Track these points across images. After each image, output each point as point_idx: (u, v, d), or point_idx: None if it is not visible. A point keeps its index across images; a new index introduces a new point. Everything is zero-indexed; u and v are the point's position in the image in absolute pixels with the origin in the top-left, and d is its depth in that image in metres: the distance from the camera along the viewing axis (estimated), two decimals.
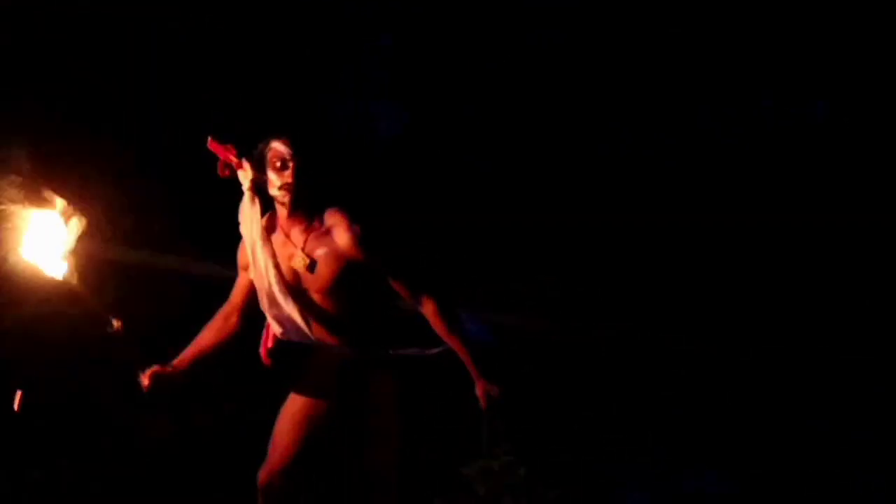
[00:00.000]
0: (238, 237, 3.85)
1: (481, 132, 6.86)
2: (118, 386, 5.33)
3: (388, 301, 3.85)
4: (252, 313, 3.91)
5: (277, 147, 3.71)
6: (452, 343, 3.78)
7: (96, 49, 6.43)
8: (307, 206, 3.74)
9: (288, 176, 3.68)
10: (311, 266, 3.74)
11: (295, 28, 6.71)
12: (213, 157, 3.75)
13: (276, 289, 3.79)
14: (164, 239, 6.44)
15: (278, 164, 3.69)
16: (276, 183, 3.69)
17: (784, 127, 6.60)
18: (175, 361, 3.92)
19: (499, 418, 3.99)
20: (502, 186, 6.60)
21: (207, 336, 3.97)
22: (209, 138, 3.74)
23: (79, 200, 3.67)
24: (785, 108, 6.64)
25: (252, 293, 3.90)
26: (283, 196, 3.70)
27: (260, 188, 3.74)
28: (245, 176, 3.74)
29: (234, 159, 3.73)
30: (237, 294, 3.97)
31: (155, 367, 3.87)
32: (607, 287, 6.37)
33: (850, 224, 6.35)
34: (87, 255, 3.67)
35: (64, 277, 3.67)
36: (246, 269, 3.90)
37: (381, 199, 4.13)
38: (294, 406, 3.94)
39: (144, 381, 3.86)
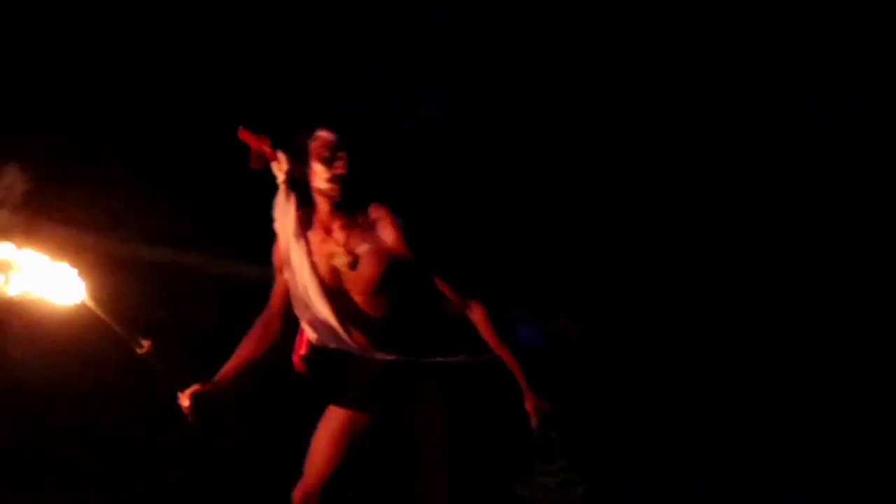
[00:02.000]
0: (272, 235, 3.62)
1: (481, 132, 6.84)
2: (137, 406, 5.21)
3: (434, 304, 3.58)
4: (295, 318, 3.63)
5: (325, 136, 3.47)
6: (502, 352, 3.53)
7: (96, 48, 6.36)
8: (353, 200, 3.48)
9: (340, 167, 3.43)
10: (354, 264, 3.48)
11: (295, 27, 6.67)
12: (245, 148, 3.52)
13: (311, 290, 3.52)
14: (190, 236, 6.17)
15: (327, 154, 3.44)
16: (323, 175, 3.44)
17: (784, 127, 6.59)
18: (216, 378, 3.63)
19: (554, 433, 3.65)
20: (502, 186, 6.58)
21: (248, 347, 3.67)
22: (241, 128, 3.50)
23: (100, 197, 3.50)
24: (785, 108, 6.64)
25: (290, 297, 3.61)
26: (333, 189, 3.45)
27: (294, 182, 3.49)
28: (280, 168, 3.49)
29: (268, 150, 3.48)
30: (276, 298, 3.68)
31: (195, 387, 3.57)
32: (607, 287, 6.36)
33: (849, 224, 6.34)
34: (107, 254, 3.49)
35: (83, 301, 3.43)
36: (282, 269, 3.64)
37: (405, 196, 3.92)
38: (332, 420, 3.68)
39: (184, 402, 3.56)
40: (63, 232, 3.42)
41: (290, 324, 3.67)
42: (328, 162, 3.45)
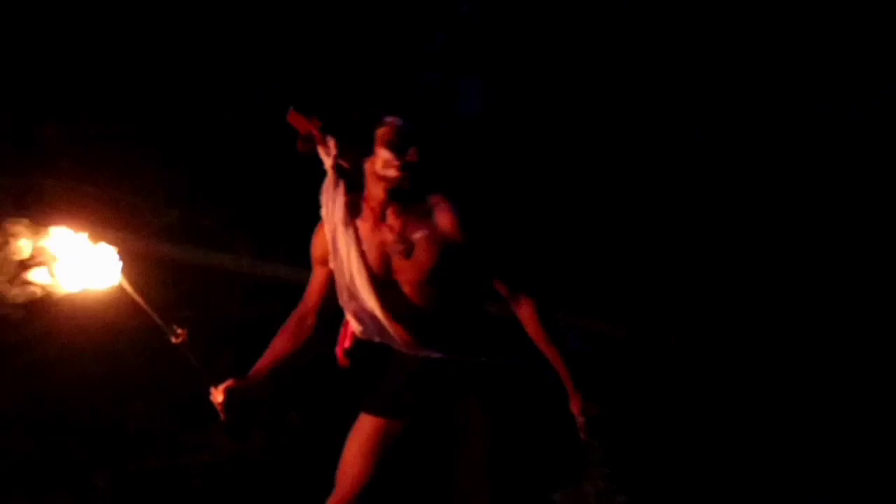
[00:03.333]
0: (305, 230, 3.50)
1: (482, 132, 6.82)
2: (163, 406, 5.09)
3: (480, 303, 3.44)
4: (330, 314, 3.50)
5: (397, 124, 3.36)
6: (549, 351, 3.39)
7: (112, 40, 6.20)
8: (418, 188, 3.35)
9: (413, 155, 3.31)
10: (409, 251, 3.35)
11: (305, 27, 6.57)
12: (293, 131, 3.36)
13: (358, 280, 3.37)
14: (214, 234, 6.03)
15: (398, 142, 3.32)
16: (393, 163, 3.31)
17: (789, 126, 6.60)
18: (250, 374, 3.47)
19: (596, 439, 3.47)
20: (503, 186, 6.56)
21: (282, 342, 3.52)
22: (290, 109, 3.36)
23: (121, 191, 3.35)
24: (786, 108, 6.65)
25: (329, 291, 3.48)
26: (403, 178, 3.32)
27: (341, 168, 3.35)
28: (327, 153, 3.36)
29: (317, 133, 3.35)
30: (312, 293, 3.53)
31: (229, 382, 3.42)
32: (607, 287, 6.35)
33: (850, 223, 6.36)
34: (130, 252, 3.35)
35: (120, 283, 3.28)
36: (322, 262, 3.50)
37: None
38: (366, 427, 3.49)
39: (217, 397, 3.41)
40: (86, 230, 3.30)
41: (325, 320, 3.54)
42: (399, 150, 3.33)
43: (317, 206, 3.49)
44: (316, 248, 3.52)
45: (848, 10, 6.52)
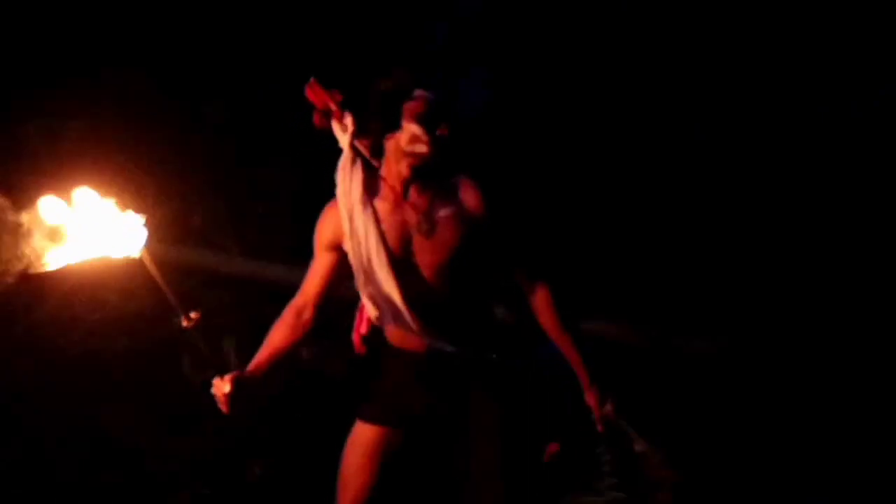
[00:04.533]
0: (298, 229, 3.44)
1: (480, 131, 6.81)
2: (155, 408, 5.03)
3: (491, 299, 3.35)
4: (327, 307, 3.39)
5: (428, 97, 3.28)
6: (564, 340, 3.32)
7: (111, 35, 6.16)
8: (444, 165, 3.27)
9: (443, 130, 3.23)
10: (432, 230, 3.25)
11: (306, 24, 6.56)
12: (309, 105, 3.25)
13: (376, 261, 3.26)
14: (208, 233, 5.97)
15: (429, 117, 3.24)
16: (423, 138, 3.23)
17: (786, 127, 6.59)
18: (250, 367, 3.34)
19: (609, 440, 3.38)
20: (505, 186, 6.54)
21: (279, 336, 3.40)
22: (311, 80, 3.24)
23: (106, 189, 3.27)
24: (786, 108, 6.64)
25: (330, 281, 3.38)
26: (432, 153, 3.23)
27: (356, 146, 3.23)
28: (344, 130, 3.25)
29: (335, 107, 3.24)
30: (312, 283, 3.40)
31: (235, 373, 3.29)
32: (606, 287, 6.34)
33: (851, 224, 6.35)
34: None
35: (140, 255, 3.16)
36: (328, 247, 3.38)
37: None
38: (367, 434, 3.36)
39: (224, 387, 3.26)
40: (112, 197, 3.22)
41: (323, 313, 3.41)
42: (430, 124, 3.24)
43: (311, 204, 3.44)
44: (323, 232, 3.40)
45: (848, 10, 6.50)
